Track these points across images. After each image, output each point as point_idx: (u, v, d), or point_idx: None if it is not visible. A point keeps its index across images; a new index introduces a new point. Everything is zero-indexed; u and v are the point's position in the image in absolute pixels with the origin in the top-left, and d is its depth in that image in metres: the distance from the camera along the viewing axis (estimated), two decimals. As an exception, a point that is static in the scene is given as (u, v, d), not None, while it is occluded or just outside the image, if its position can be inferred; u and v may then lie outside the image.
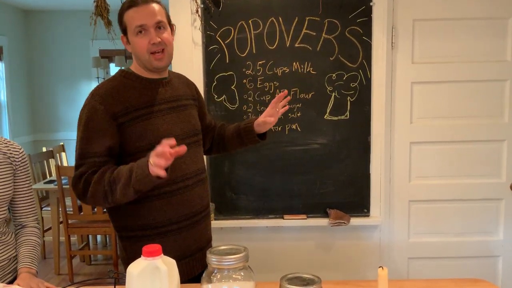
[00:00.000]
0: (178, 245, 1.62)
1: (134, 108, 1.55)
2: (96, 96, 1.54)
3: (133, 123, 1.54)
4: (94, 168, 1.50)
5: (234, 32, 2.30)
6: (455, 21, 2.34)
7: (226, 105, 2.33)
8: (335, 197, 2.41)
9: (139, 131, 1.55)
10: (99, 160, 1.51)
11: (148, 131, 1.55)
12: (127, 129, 1.54)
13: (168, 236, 1.60)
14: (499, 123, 2.40)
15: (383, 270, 1.35)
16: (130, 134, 1.54)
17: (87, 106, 1.54)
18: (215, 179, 2.37)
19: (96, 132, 1.51)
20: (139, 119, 1.55)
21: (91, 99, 1.55)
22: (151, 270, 1.08)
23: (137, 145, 1.54)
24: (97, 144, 1.51)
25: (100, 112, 1.52)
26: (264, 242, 2.45)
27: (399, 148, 2.41)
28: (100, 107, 1.52)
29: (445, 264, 2.50)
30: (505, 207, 2.45)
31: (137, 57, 1.61)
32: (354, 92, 2.35)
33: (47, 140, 6.55)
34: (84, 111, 1.55)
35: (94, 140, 1.51)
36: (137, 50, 1.58)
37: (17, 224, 1.71)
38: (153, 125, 1.57)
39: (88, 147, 1.51)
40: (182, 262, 1.62)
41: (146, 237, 1.58)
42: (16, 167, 1.65)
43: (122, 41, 1.62)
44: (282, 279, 1.10)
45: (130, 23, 1.57)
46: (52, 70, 6.54)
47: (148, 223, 1.58)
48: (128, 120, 1.54)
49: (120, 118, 1.53)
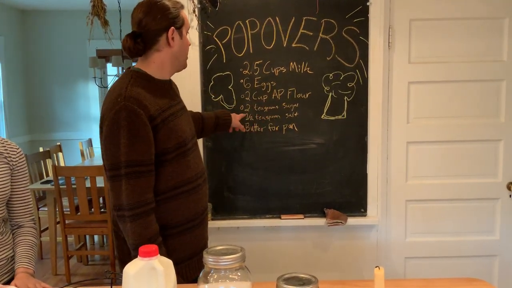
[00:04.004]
0: (192, 242, 1.66)
1: (162, 110, 1.55)
2: (131, 98, 1.48)
3: (162, 126, 1.54)
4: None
5: (231, 32, 2.30)
6: (452, 21, 2.35)
7: (223, 105, 2.33)
8: (332, 197, 2.41)
9: (167, 133, 1.55)
10: (147, 169, 1.50)
11: (174, 132, 1.57)
12: (159, 132, 1.53)
13: (185, 234, 1.63)
14: (496, 123, 2.41)
15: (380, 269, 1.35)
16: (160, 137, 1.53)
17: (123, 110, 1.47)
18: (212, 179, 2.37)
19: (141, 137, 1.48)
20: (166, 120, 1.56)
21: (125, 102, 1.47)
22: (148, 271, 1.08)
23: (164, 147, 1.55)
24: (145, 151, 1.49)
25: (142, 116, 1.47)
26: (261, 242, 2.45)
27: (396, 148, 2.42)
28: (139, 111, 1.47)
29: (442, 263, 2.50)
30: (502, 206, 2.46)
31: (177, 55, 1.61)
32: (351, 92, 2.35)
33: (44, 140, 6.54)
34: (120, 114, 1.47)
35: (140, 146, 1.48)
36: (185, 48, 1.64)
37: (14, 224, 1.71)
38: (176, 126, 1.59)
39: (135, 154, 1.47)
40: (194, 259, 1.66)
41: (165, 237, 1.60)
42: (13, 167, 1.65)
43: (171, 33, 1.56)
44: (279, 279, 1.11)
45: (186, 21, 1.62)
46: (49, 70, 6.53)
47: (167, 223, 1.60)
48: (159, 122, 1.53)
49: (154, 121, 1.51)
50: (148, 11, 1.54)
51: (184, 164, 1.61)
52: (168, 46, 1.58)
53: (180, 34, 1.59)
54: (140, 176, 1.48)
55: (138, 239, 1.48)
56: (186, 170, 1.61)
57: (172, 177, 1.58)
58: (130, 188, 1.47)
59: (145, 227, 1.49)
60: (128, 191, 1.47)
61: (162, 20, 1.54)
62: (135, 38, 1.54)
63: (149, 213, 1.51)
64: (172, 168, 1.57)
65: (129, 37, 1.55)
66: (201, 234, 1.71)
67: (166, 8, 1.55)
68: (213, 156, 2.36)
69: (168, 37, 1.56)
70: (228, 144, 2.36)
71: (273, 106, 2.34)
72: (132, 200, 1.47)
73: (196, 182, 1.66)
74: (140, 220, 1.48)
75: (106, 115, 1.50)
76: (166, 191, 1.58)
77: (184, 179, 1.61)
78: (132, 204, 1.48)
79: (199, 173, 1.68)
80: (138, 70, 1.59)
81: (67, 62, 6.52)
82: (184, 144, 1.61)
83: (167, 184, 1.57)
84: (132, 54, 1.57)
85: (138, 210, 1.48)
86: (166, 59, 1.60)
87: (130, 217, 1.48)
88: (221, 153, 2.37)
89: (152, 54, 1.58)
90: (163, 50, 1.58)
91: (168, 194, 1.57)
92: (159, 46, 1.57)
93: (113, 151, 1.48)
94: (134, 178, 1.47)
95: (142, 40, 1.55)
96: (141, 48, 1.56)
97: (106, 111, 1.51)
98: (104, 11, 2.42)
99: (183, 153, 1.60)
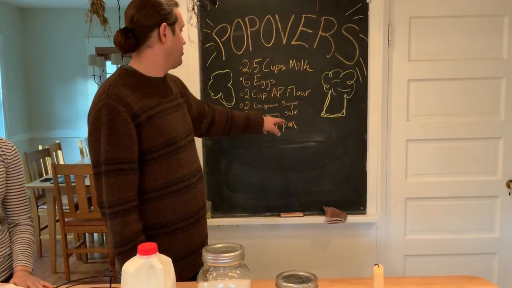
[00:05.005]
0: (186, 241, 1.65)
1: (148, 107, 1.54)
2: (113, 95, 1.48)
3: (147, 123, 1.53)
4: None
5: (230, 30, 2.29)
6: (452, 19, 2.34)
7: (222, 103, 2.33)
8: (332, 195, 2.41)
9: (153, 131, 1.53)
10: (128, 167, 1.48)
11: (161, 130, 1.55)
12: (143, 129, 1.52)
13: (177, 233, 1.62)
14: (495, 120, 2.41)
15: (379, 267, 1.35)
16: (145, 134, 1.52)
17: (105, 107, 1.46)
18: (211, 177, 2.37)
19: (121, 135, 1.47)
20: (153, 118, 1.54)
21: (107, 99, 1.47)
22: (147, 269, 1.08)
23: (151, 145, 1.53)
24: (125, 149, 1.47)
25: (123, 114, 1.47)
26: (260, 240, 2.45)
27: (395, 145, 2.42)
28: (120, 108, 1.46)
29: (441, 261, 2.50)
30: (501, 204, 2.46)
31: (170, 52, 1.60)
32: (350, 90, 2.35)
33: (43, 138, 6.54)
34: (101, 112, 1.46)
35: (121, 143, 1.47)
36: (178, 45, 1.63)
37: (10, 222, 1.70)
38: (164, 124, 1.57)
39: (115, 151, 1.46)
40: (189, 258, 1.66)
41: (156, 236, 1.59)
42: (8, 164, 1.64)
43: (162, 29, 1.55)
44: (278, 276, 1.10)
45: (180, 19, 1.61)
46: (48, 68, 6.52)
47: (158, 222, 1.59)
48: (144, 120, 1.52)
49: (137, 118, 1.51)
50: (140, 7, 1.54)
51: (175, 163, 1.59)
52: (160, 42, 1.57)
53: (172, 30, 1.58)
54: (120, 174, 1.47)
55: (117, 237, 1.48)
56: (178, 169, 1.59)
57: (162, 176, 1.56)
58: (109, 185, 1.47)
59: (125, 225, 1.47)
60: (107, 189, 1.47)
61: (154, 16, 1.54)
62: (126, 34, 1.54)
63: (130, 212, 1.49)
64: (161, 166, 1.56)
65: (120, 32, 1.55)
66: (197, 233, 1.69)
67: (159, 4, 1.55)
68: (212, 154, 2.36)
69: (160, 33, 1.56)
70: (228, 142, 2.35)
71: (273, 104, 2.34)
72: (112, 198, 1.47)
73: (190, 180, 1.63)
74: (119, 218, 1.47)
75: (90, 112, 1.51)
76: (156, 189, 1.56)
77: (176, 177, 1.59)
78: (111, 202, 1.47)
79: (193, 172, 1.65)
80: (127, 68, 1.59)
81: (66, 60, 6.51)
82: (173, 142, 1.58)
83: (156, 182, 1.56)
84: (124, 49, 1.56)
85: (118, 208, 1.47)
86: (158, 56, 1.59)
87: (109, 214, 1.47)
88: (220, 151, 2.36)
89: (144, 50, 1.58)
90: (155, 46, 1.57)
91: (158, 192, 1.56)
92: (151, 42, 1.56)
93: (95, 148, 1.48)
94: (113, 176, 1.47)
95: (133, 35, 1.54)
96: (133, 43, 1.55)
97: (90, 108, 1.52)
98: (103, 8, 2.42)
99: (174, 151, 1.58)
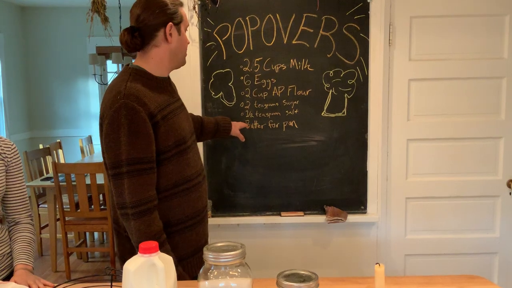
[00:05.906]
0: (193, 239, 1.67)
1: (161, 107, 1.55)
2: (130, 96, 1.48)
3: (162, 123, 1.53)
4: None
5: (231, 29, 2.29)
6: (452, 18, 2.34)
7: (223, 102, 2.33)
8: (332, 194, 2.41)
9: (166, 131, 1.54)
10: (148, 166, 1.50)
11: (173, 129, 1.57)
12: (159, 129, 1.53)
13: (185, 232, 1.63)
14: (496, 120, 2.41)
15: (380, 266, 1.35)
16: (160, 134, 1.53)
17: (123, 108, 1.46)
18: (212, 177, 2.37)
19: (141, 135, 1.47)
20: (166, 118, 1.55)
21: (124, 99, 1.47)
22: (148, 267, 1.08)
23: (165, 144, 1.55)
24: (145, 148, 1.48)
25: (142, 114, 1.47)
26: (261, 239, 2.45)
27: (396, 145, 2.42)
28: (139, 108, 1.47)
29: (442, 260, 2.50)
30: (502, 204, 2.46)
31: (176, 52, 1.61)
32: (351, 89, 2.35)
33: (44, 137, 6.54)
34: (120, 112, 1.46)
35: (141, 143, 1.47)
36: (183, 44, 1.64)
37: (10, 220, 1.70)
38: (176, 123, 1.59)
39: (136, 151, 1.47)
40: (195, 256, 1.67)
41: (167, 235, 1.59)
42: (8, 163, 1.64)
43: (168, 28, 1.56)
44: (279, 275, 1.11)
45: (185, 19, 1.62)
46: (48, 67, 6.52)
47: (168, 221, 1.60)
48: (159, 119, 1.53)
49: (154, 118, 1.51)
50: (146, 6, 1.54)
51: (184, 162, 1.61)
52: (166, 42, 1.58)
53: (178, 30, 1.59)
54: (142, 174, 1.48)
55: (142, 236, 1.48)
56: (186, 168, 1.61)
57: (173, 175, 1.58)
58: (132, 186, 1.47)
59: (149, 224, 1.49)
60: (130, 189, 1.47)
61: (160, 15, 1.54)
62: (133, 33, 1.54)
63: (153, 211, 1.51)
64: (173, 166, 1.57)
65: (126, 31, 1.55)
66: (203, 231, 1.72)
67: (165, 4, 1.55)
68: (213, 153, 2.36)
69: (166, 33, 1.56)
70: (228, 141, 2.36)
71: (273, 103, 2.34)
72: (135, 198, 1.47)
73: (197, 179, 1.66)
74: (144, 218, 1.48)
75: (106, 113, 1.49)
76: (168, 189, 1.58)
77: (184, 176, 1.61)
78: (135, 202, 1.47)
79: (198, 171, 1.68)
80: (136, 67, 1.59)
81: (67, 59, 6.51)
82: (183, 142, 1.61)
83: (168, 182, 1.57)
84: (130, 48, 1.57)
85: (141, 207, 1.48)
86: (164, 55, 1.60)
87: (133, 215, 1.48)
88: (221, 150, 2.36)
89: (150, 49, 1.58)
90: (161, 46, 1.58)
91: (169, 192, 1.58)
92: (157, 41, 1.57)
93: (114, 150, 1.48)
94: (136, 176, 1.47)
95: (139, 34, 1.55)
96: (139, 43, 1.55)
97: (106, 109, 1.50)
98: (104, 7, 2.42)
99: (183, 151, 1.60)
